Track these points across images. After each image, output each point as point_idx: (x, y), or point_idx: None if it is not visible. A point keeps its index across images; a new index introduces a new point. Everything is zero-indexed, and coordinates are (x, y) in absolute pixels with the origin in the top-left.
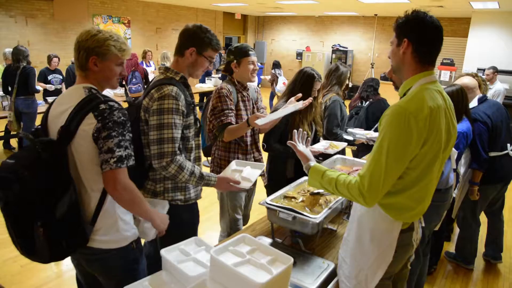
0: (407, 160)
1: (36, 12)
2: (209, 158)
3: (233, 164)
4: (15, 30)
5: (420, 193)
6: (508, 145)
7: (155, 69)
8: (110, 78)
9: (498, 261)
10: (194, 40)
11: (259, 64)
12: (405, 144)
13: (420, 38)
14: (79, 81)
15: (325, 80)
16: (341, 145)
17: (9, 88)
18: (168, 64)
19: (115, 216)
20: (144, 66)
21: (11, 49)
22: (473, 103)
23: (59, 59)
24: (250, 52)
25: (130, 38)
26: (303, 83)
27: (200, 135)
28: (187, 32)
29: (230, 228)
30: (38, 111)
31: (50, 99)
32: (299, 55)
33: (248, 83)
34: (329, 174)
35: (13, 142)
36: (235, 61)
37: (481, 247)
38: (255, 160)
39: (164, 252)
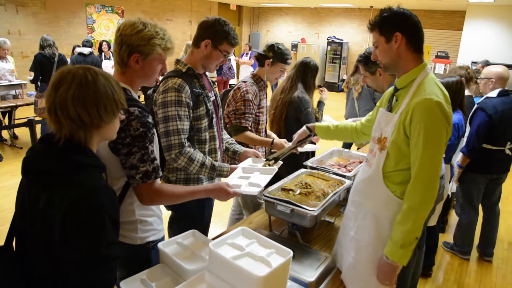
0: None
1: (27, 0)
2: None
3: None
4: (5, 19)
5: None
6: (509, 143)
7: None
8: (150, 76)
9: (488, 257)
10: (210, 32)
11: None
12: (446, 131)
13: (410, 28)
14: (115, 77)
15: (356, 75)
16: None
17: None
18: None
19: (134, 217)
20: None
21: (5, 39)
22: (492, 94)
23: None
24: (288, 61)
25: None
26: (314, 73)
27: None
28: (204, 24)
29: (245, 208)
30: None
31: None
32: (294, 46)
33: None
34: (394, 235)
35: (4, 134)
36: (271, 60)
37: (477, 239)
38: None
39: (161, 245)
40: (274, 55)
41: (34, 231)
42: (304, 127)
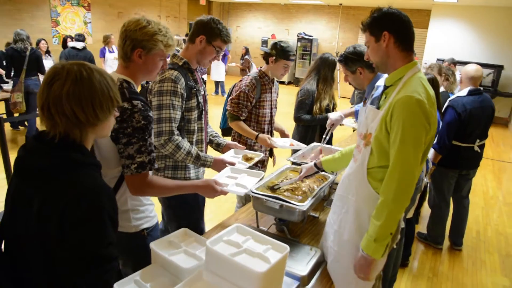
0: (424, 144)
1: None
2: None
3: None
4: None
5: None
6: (478, 140)
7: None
8: (151, 71)
9: (458, 246)
10: (205, 29)
11: (226, 50)
12: (425, 129)
13: (398, 27)
14: (119, 70)
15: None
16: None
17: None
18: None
19: (126, 207)
20: (107, 52)
21: None
22: (463, 93)
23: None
24: (291, 58)
25: (90, 22)
26: (331, 67)
27: (222, 116)
28: (200, 22)
29: (245, 199)
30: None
31: None
32: (265, 42)
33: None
34: (370, 229)
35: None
36: (274, 57)
37: (448, 229)
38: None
39: (153, 245)
40: (277, 52)
41: (27, 233)
42: (311, 164)
